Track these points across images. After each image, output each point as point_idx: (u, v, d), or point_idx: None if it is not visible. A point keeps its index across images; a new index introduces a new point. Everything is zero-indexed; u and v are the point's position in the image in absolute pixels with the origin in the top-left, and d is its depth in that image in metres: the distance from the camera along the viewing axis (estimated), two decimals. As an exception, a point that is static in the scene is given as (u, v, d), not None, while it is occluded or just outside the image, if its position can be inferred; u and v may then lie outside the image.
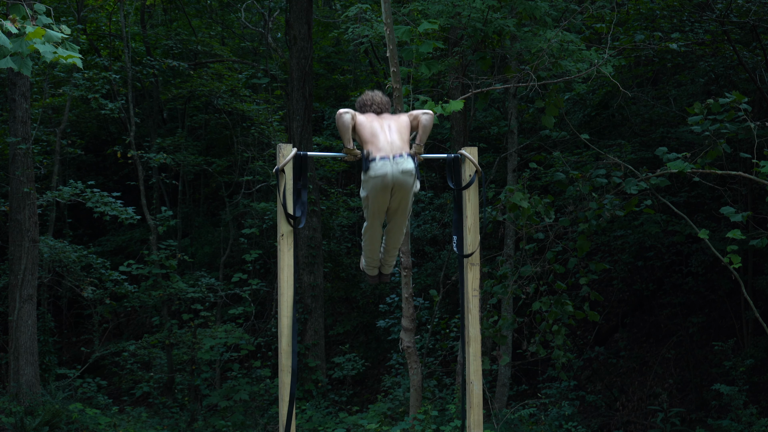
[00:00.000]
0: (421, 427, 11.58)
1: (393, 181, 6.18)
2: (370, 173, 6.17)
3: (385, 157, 6.16)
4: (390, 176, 6.15)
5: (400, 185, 6.22)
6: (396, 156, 6.16)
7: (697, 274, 15.83)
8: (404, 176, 6.20)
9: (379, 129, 6.28)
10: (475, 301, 6.67)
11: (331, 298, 19.11)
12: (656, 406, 13.93)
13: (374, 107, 6.45)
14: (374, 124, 6.32)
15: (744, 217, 9.78)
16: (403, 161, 6.17)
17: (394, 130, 6.30)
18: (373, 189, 6.23)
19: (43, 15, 6.23)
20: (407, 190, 6.29)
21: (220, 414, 16.27)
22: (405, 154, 6.19)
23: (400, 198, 6.33)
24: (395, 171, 6.16)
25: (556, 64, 10.60)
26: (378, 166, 6.15)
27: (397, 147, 6.20)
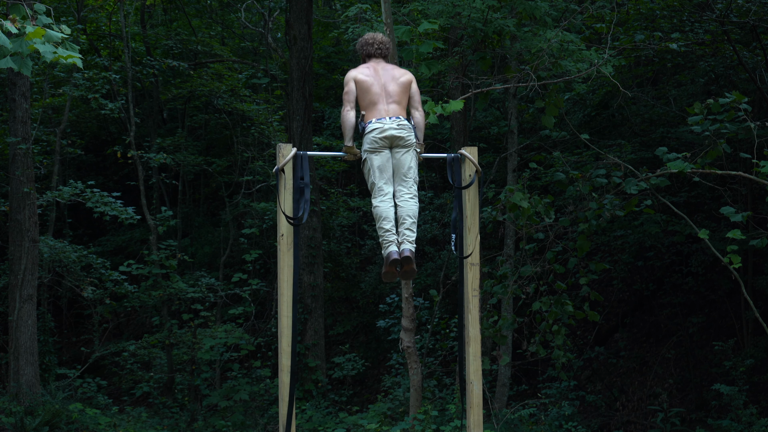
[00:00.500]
0: (421, 427, 11.58)
1: (390, 133, 6.50)
2: (368, 130, 6.54)
3: (381, 117, 6.55)
4: (387, 127, 6.50)
5: (396, 137, 6.52)
6: (392, 117, 6.56)
7: (697, 274, 15.83)
8: (400, 129, 6.54)
9: (378, 95, 6.59)
10: (475, 301, 6.67)
11: (331, 298, 19.11)
12: (656, 406, 13.93)
13: (376, 46, 6.72)
14: (374, 88, 6.61)
15: (744, 217, 9.78)
16: (399, 120, 6.56)
17: (392, 97, 6.61)
18: (371, 144, 6.53)
19: (43, 15, 6.23)
20: (405, 144, 6.57)
21: (220, 414, 16.27)
22: (401, 116, 6.58)
23: (401, 156, 6.57)
24: (391, 124, 6.52)
25: (556, 64, 10.61)
26: (374, 123, 6.53)
27: (394, 112, 6.59)
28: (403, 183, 6.59)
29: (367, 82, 6.60)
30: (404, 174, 6.58)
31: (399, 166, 6.58)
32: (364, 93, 6.59)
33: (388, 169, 6.55)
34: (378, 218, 6.54)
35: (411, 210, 6.57)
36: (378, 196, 6.55)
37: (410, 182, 6.59)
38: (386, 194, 6.54)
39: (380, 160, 6.54)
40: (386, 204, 6.52)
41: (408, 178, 6.59)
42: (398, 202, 6.61)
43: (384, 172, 6.54)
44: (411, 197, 6.59)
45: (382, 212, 6.51)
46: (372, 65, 6.72)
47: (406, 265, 6.54)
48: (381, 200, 6.53)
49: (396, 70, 6.76)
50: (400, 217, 6.60)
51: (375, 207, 6.55)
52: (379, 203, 6.53)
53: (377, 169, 6.54)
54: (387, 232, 6.52)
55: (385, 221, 6.50)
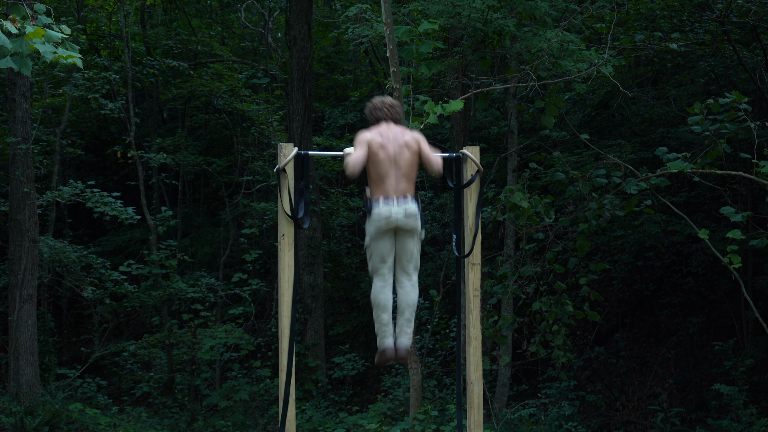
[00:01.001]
0: (421, 427, 11.59)
1: (396, 222, 6.26)
2: (373, 215, 6.28)
3: (388, 198, 6.27)
4: (393, 216, 6.25)
5: (403, 226, 6.30)
6: (400, 198, 6.28)
7: (697, 274, 15.83)
8: (407, 218, 6.29)
9: (387, 169, 6.29)
10: (476, 301, 6.67)
11: (331, 298, 19.11)
12: (656, 406, 13.93)
13: (386, 110, 6.44)
14: (384, 160, 6.29)
15: (744, 217, 9.78)
16: (406, 203, 6.28)
17: (402, 170, 6.31)
18: (376, 231, 6.31)
19: (43, 15, 6.23)
20: (411, 233, 6.36)
21: (220, 414, 16.27)
22: (410, 197, 6.30)
23: (405, 242, 6.39)
24: (398, 212, 6.26)
25: (556, 64, 10.61)
26: (381, 208, 6.26)
27: (402, 190, 6.30)
28: (404, 271, 6.47)
29: (376, 147, 6.30)
30: (407, 261, 6.44)
31: (402, 252, 6.43)
32: (373, 163, 6.30)
33: (391, 254, 6.41)
34: (376, 306, 6.42)
35: (411, 300, 6.47)
36: (379, 281, 6.41)
37: (412, 270, 6.48)
38: (387, 281, 6.41)
39: (384, 246, 6.37)
40: (386, 293, 6.40)
41: (410, 266, 6.46)
42: (399, 291, 6.51)
43: (387, 257, 6.40)
44: (412, 286, 6.48)
45: (381, 301, 6.38)
46: (383, 129, 6.41)
47: (401, 360, 6.53)
48: (381, 287, 6.39)
49: (406, 134, 6.43)
50: (400, 307, 6.52)
51: (374, 294, 6.42)
52: (380, 292, 6.39)
53: (379, 256, 6.39)
54: (384, 324, 6.41)
55: (383, 312, 6.39)
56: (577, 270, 11.87)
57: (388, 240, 6.35)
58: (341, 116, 21.37)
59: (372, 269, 6.43)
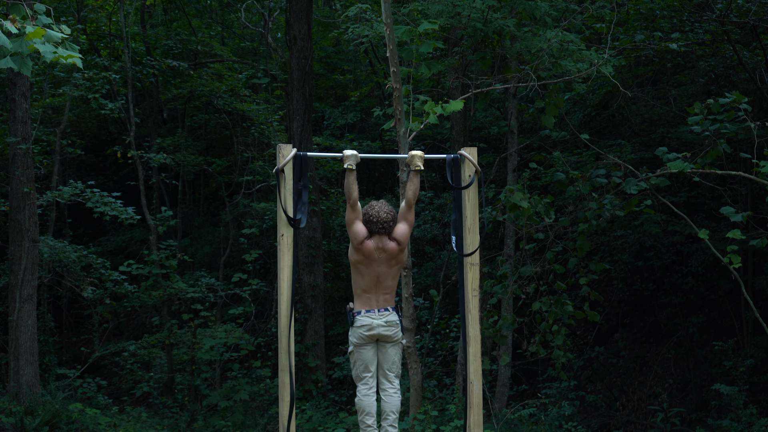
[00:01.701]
0: (421, 427, 11.58)
1: (378, 332, 6.74)
2: (356, 324, 6.78)
3: (370, 310, 6.74)
4: (375, 324, 6.73)
5: (384, 335, 6.77)
6: (381, 309, 6.77)
7: (697, 274, 15.83)
8: (387, 327, 6.77)
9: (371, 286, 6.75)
10: (475, 301, 6.67)
11: (331, 298, 19.11)
12: (656, 406, 13.94)
13: (380, 225, 6.75)
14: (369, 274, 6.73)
15: (744, 217, 9.79)
16: (387, 314, 6.78)
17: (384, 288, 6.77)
18: (359, 339, 6.79)
19: (43, 15, 6.23)
20: (392, 341, 6.83)
21: (220, 414, 16.27)
22: (390, 309, 6.80)
23: (387, 351, 6.83)
24: (379, 322, 6.74)
25: (556, 64, 10.61)
26: (362, 319, 6.76)
27: (383, 302, 6.78)
28: (387, 377, 6.88)
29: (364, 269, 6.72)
30: (389, 368, 6.87)
31: (384, 360, 6.87)
32: (359, 275, 6.75)
33: (374, 362, 6.85)
34: (361, 412, 6.83)
35: (394, 405, 6.86)
36: (363, 387, 6.82)
37: (394, 377, 6.89)
38: (371, 387, 6.83)
39: (367, 356, 6.82)
40: (370, 398, 6.82)
41: (392, 373, 6.88)
42: (382, 396, 6.90)
43: (370, 365, 6.83)
44: (395, 392, 6.87)
45: (366, 407, 6.80)
46: (375, 241, 6.73)
47: None
48: (366, 393, 6.80)
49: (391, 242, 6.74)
50: (383, 411, 6.90)
51: (359, 399, 6.82)
52: (364, 397, 6.80)
53: (362, 364, 6.83)
54: (369, 427, 6.81)
55: (368, 416, 6.80)
56: (577, 270, 11.88)
57: (371, 348, 6.83)
58: (341, 116, 21.37)
59: (356, 377, 6.88)
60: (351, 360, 6.93)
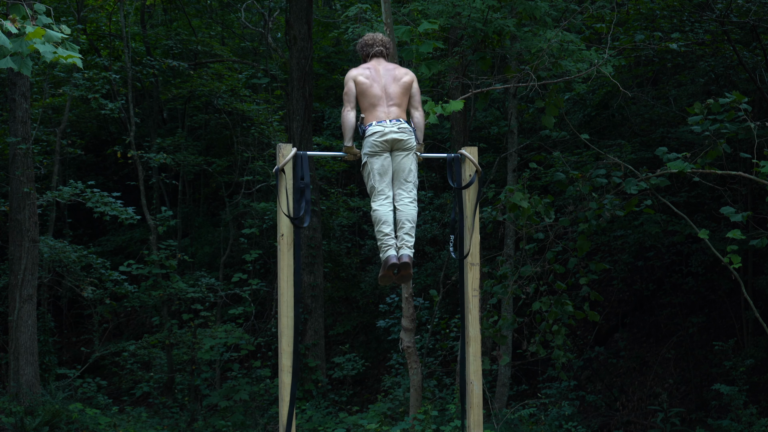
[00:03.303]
0: (421, 427, 11.59)
1: (390, 136, 6.52)
2: (368, 134, 6.55)
3: (381, 120, 6.55)
4: (387, 131, 6.51)
5: (397, 141, 6.54)
6: (392, 119, 6.56)
7: (697, 274, 15.83)
8: (401, 132, 6.55)
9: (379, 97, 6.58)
10: (475, 301, 6.67)
11: (331, 298, 19.11)
12: (656, 406, 13.93)
13: (377, 47, 6.69)
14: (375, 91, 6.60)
15: (744, 217, 9.79)
16: (399, 122, 6.57)
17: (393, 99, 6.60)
18: (371, 147, 6.54)
19: (43, 15, 6.23)
20: (406, 148, 6.58)
21: (220, 414, 16.27)
22: (401, 119, 6.59)
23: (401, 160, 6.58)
24: (392, 128, 6.53)
25: (556, 64, 10.61)
26: (374, 127, 6.54)
27: (394, 114, 6.59)
28: (402, 187, 6.62)
29: (366, 84, 6.59)
30: (404, 177, 6.61)
31: (399, 169, 6.60)
32: (364, 95, 6.59)
33: (389, 172, 6.58)
34: (377, 222, 6.55)
35: (410, 214, 6.60)
36: (378, 199, 6.56)
37: (410, 186, 6.62)
38: (386, 198, 6.56)
39: (380, 164, 6.55)
40: (386, 208, 6.54)
41: (408, 182, 6.62)
42: (398, 206, 6.63)
43: (384, 175, 6.56)
44: (411, 201, 6.61)
45: (382, 216, 6.53)
46: (373, 65, 6.70)
47: (404, 270, 6.58)
48: (380, 204, 6.54)
49: (397, 69, 6.73)
50: (399, 221, 6.63)
51: (374, 210, 6.56)
52: (379, 207, 6.54)
53: (377, 173, 6.55)
54: (386, 236, 6.54)
55: (384, 225, 6.53)
56: (577, 270, 11.87)
57: (385, 157, 6.57)
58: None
59: (370, 188, 6.62)
60: (364, 174, 6.65)
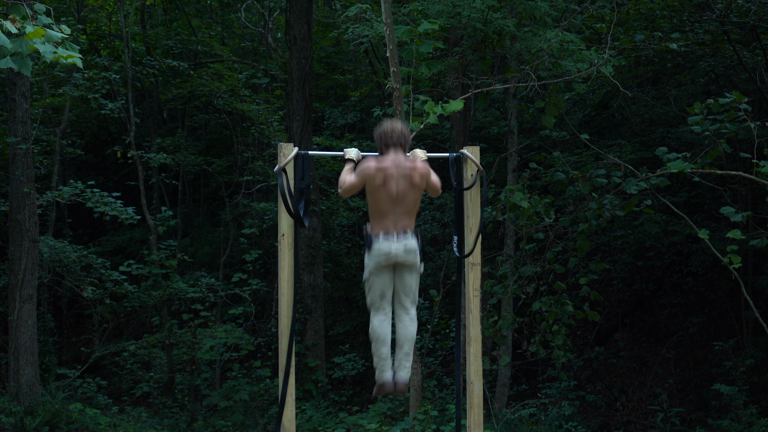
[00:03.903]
0: (421, 427, 11.59)
1: (396, 257, 6.29)
2: (374, 250, 6.29)
3: (389, 234, 6.28)
4: (393, 253, 6.27)
5: (402, 262, 6.34)
6: (400, 234, 6.30)
7: (697, 274, 15.83)
8: (407, 254, 6.31)
9: (389, 207, 6.27)
10: (476, 301, 6.67)
11: (331, 298, 19.11)
12: (656, 406, 13.93)
13: (395, 138, 6.31)
14: (386, 197, 6.25)
15: (744, 217, 9.79)
16: (406, 239, 6.30)
17: (403, 208, 6.30)
18: (376, 266, 6.32)
19: (43, 15, 6.23)
20: (410, 268, 6.40)
21: (220, 414, 16.27)
22: (410, 233, 6.32)
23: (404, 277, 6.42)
24: (398, 248, 6.28)
25: (556, 64, 10.61)
26: (381, 244, 6.27)
27: (403, 226, 6.31)
28: (403, 305, 6.50)
29: (380, 191, 6.26)
30: (405, 296, 6.49)
31: (401, 286, 6.47)
32: (375, 199, 6.30)
33: (390, 289, 6.45)
34: (375, 340, 6.44)
35: (410, 334, 6.50)
36: (378, 314, 6.44)
37: (410, 305, 6.52)
38: (387, 314, 6.45)
39: (383, 281, 6.40)
40: (385, 327, 6.44)
41: (409, 301, 6.51)
42: (397, 325, 6.55)
43: (386, 292, 6.43)
44: (411, 321, 6.51)
45: (381, 335, 6.42)
46: (389, 162, 6.29)
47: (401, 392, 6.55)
48: (380, 321, 6.42)
49: (414, 170, 6.32)
50: (398, 341, 6.55)
51: (374, 328, 6.44)
52: (378, 325, 6.42)
53: (379, 292, 6.42)
54: (383, 358, 6.44)
55: (382, 346, 6.43)
56: (577, 270, 11.88)
57: (387, 275, 6.38)
58: (341, 116, 21.36)
59: (370, 303, 6.46)
60: (366, 287, 6.49)
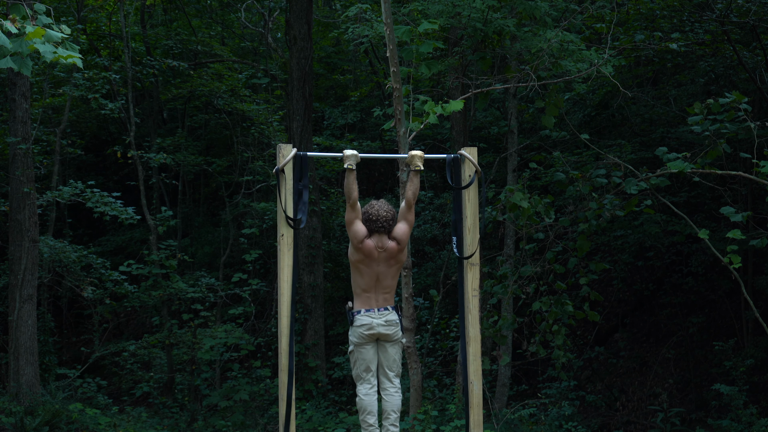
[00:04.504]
0: (421, 427, 11.58)
1: (378, 331, 6.74)
2: (355, 324, 6.77)
3: (370, 309, 6.74)
4: (375, 326, 6.73)
5: (384, 334, 6.77)
6: (381, 309, 6.77)
7: (697, 274, 15.83)
8: (388, 327, 6.78)
9: (371, 285, 6.75)
10: (475, 301, 6.67)
11: (331, 298, 19.11)
12: (656, 406, 13.93)
13: (380, 224, 6.74)
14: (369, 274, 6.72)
15: (744, 217, 9.79)
16: (387, 313, 6.78)
17: (384, 288, 6.77)
18: (359, 338, 6.80)
19: (43, 15, 6.23)
20: (392, 340, 6.83)
21: (220, 414, 16.27)
22: (390, 308, 6.79)
23: (387, 350, 6.84)
24: (379, 321, 6.74)
25: (556, 64, 10.61)
26: (362, 318, 6.75)
27: (383, 301, 6.77)
28: (387, 376, 6.89)
29: (364, 269, 6.72)
30: (389, 367, 6.88)
31: (385, 359, 6.87)
32: (359, 274, 6.76)
33: (374, 362, 6.86)
34: (362, 411, 6.83)
35: (395, 404, 6.87)
36: (363, 387, 6.83)
37: (394, 376, 6.90)
38: (372, 387, 6.84)
39: (367, 355, 6.83)
40: (371, 397, 6.82)
41: (392, 372, 6.90)
42: (383, 396, 6.90)
43: (371, 365, 6.84)
44: (395, 391, 6.88)
45: (367, 406, 6.80)
46: (375, 240, 6.74)
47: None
48: (366, 392, 6.81)
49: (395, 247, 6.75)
50: (384, 411, 6.90)
51: (360, 399, 6.82)
52: (364, 396, 6.81)
53: (363, 363, 6.84)
54: (370, 426, 6.82)
55: (369, 416, 6.80)
56: (577, 270, 11.87)
57: (371, 348, 6.83)
58: (341, 116, 21.37)
59: (356, 376, 6.88)
60: (351, 360, 6.93)
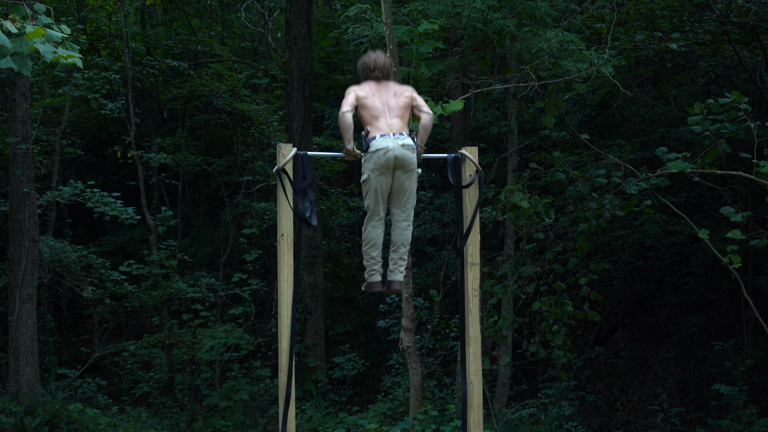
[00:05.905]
0: (421, 427, 11.58)
1: (394, 155, 6.38)
2: (371, 149, 6.41)
3: (385, 134, 6.41)
4: (391, 149, 6.37)
5: (401, 160, 6.41)
6: (396, 133, 6.41)
7: (697, 274, 15.83)
8: (404, 150, 6.41)
9: (380, 110, 6.47)
10: (475, 301, 6.67)
11: (331, 298, 19.11)
12: (656, 406, 13.93)
13: (377, 72, 6.58)
14: (376, 104, 6.49)
15: (744, 217, 9.78)
16: (403, 138, 6.42)
17: (394, 111, 6.49)
18: (375, 164, 6.41)
19: (43, 15, 6.23)
20: (408, 166, 6.46)
21: (220, 414, 16.27)
22: (405, 133, 6.45)
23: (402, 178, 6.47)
24: (396, 144, 6.39)
25: (556, 64, 10.61)
26: (378, 142, 6.39)
27: (397, 127, 6.45)
28: (400, 208, 6.57)
29: (367, 98, 6.50)
30: (403, 200, 6.55)
31: (399, 190, 6.52)
32: (365, 107, 6.49)
33: (387, 192, 6.51)
34: (366, 242, 6.57)
35: (406, 238, 6.61)
36: (372, 219, 6.55)
37: (408, 208, 6.58)
38: (380, 220, 6.56)
39: (381, 183, 6.46)
40: (378, 230, 6.56)
41: (406, 204, 6.57)
42: (393, 228, 6.62)
43: (383, 195, 6.50)
44: (407, 225, 6.60)
45: (373, 238, 6.55)
46: (372, 84, 6.62)
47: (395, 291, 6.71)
48: (374, 225, 6.54)
49: (397, 86, 6.66)
50: (394, 244, 6.63)
51: (367, 231, 6.56)
52: (372, 228, 6.55)
53: (376, 193, 6.49)
54: (373, 260, 6.60)
55: (372, 248, 6.57)
56: (577, 270, 11.87)
57: (385, 178, 6.46)
58: (341, 116, 21.35)
59: (367, 206, 6.55)
60: (364, 189, 6.54)
